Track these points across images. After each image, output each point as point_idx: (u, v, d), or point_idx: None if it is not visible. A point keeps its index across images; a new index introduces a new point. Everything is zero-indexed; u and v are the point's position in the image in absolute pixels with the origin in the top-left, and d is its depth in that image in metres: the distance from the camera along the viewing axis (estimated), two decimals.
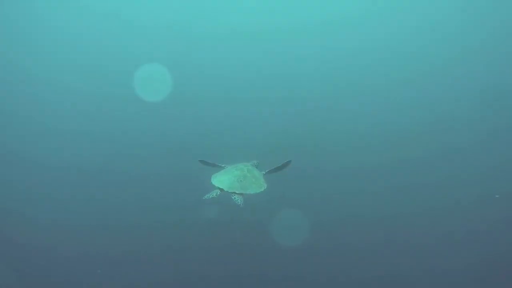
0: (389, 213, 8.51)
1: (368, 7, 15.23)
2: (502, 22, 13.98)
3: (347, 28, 15.44)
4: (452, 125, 11.81)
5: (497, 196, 8.83)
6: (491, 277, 6.83)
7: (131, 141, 11.86)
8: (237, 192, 4.74)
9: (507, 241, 7.51)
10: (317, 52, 14.91)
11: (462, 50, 14.17)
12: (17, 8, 12.70)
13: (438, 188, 9.29)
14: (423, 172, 10.01)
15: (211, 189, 4.92)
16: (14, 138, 11.21)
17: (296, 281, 7.17)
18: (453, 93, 13.16)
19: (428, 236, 7.80)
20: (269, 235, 7.46)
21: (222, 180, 4.91)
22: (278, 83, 14.32)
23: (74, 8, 13.41)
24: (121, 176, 10.20)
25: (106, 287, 6.97)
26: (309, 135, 11.66)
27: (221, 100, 13.51)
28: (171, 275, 7.21)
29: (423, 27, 14.87)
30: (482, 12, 14.41)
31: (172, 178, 9.48)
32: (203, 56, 14.57)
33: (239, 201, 4.68)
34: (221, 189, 4.81)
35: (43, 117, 12.01)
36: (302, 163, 9.99)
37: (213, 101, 13.40)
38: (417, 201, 8.91)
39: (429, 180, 9.62)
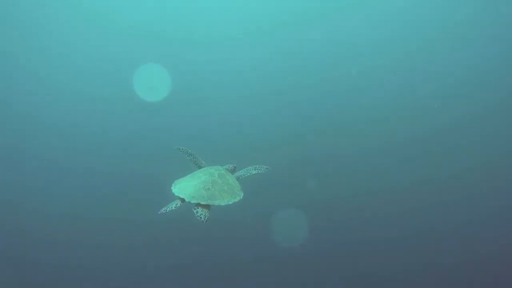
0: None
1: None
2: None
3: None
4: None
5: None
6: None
7: (128, 141, 12.15)
8: (202, 203, 3.61)
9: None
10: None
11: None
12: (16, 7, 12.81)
13: None
14: None
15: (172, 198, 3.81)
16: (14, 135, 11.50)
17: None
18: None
19: None
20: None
21: (185, 187, 3.80)
22: (277, 81, 14.29)
23: (72, 8, 13.50)
24: (118, 175, 10.58)
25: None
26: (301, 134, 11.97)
27: (214, 100, 13.65)
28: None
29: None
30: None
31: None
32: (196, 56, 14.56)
33: (202, 215, 3.53)
34: (182, 200, 3.69)
35: (40, 115, 12.21)
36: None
37: (207, 102, 13.58)
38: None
39: None
